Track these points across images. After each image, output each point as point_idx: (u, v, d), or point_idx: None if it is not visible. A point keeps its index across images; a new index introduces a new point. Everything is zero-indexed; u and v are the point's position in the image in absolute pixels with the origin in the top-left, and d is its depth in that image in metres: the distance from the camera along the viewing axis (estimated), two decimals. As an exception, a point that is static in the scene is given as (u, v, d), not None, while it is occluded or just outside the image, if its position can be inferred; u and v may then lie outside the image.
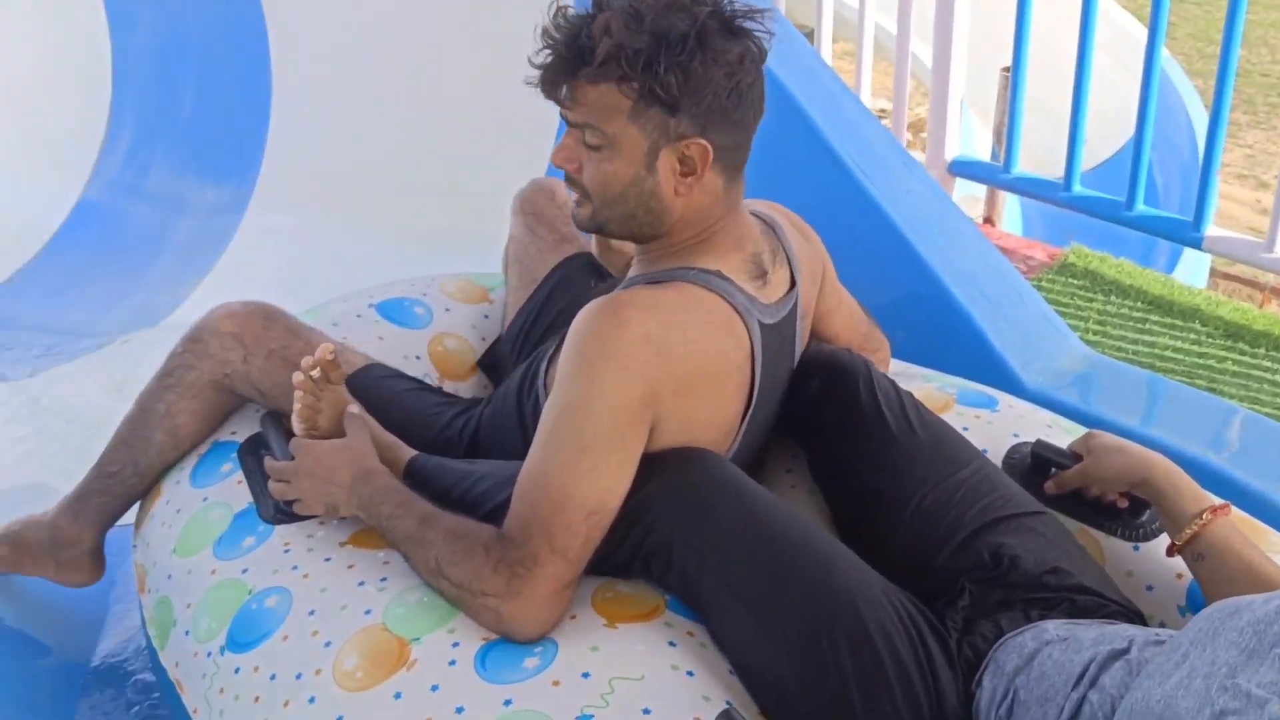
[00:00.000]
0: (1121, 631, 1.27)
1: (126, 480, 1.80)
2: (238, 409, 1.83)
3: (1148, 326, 2.86)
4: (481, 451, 1.70)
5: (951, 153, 3.28)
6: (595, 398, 1.35)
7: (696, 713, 1.26)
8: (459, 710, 1.26)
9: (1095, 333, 2.84)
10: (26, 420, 3.12)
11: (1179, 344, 2.79)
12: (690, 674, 1.31)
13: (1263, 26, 8.43)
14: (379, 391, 1.76)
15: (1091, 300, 2.98)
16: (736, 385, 1.49)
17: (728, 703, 1.28)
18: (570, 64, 1.39)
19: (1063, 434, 1.76)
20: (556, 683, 1.27)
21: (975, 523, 1.46)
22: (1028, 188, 3.18)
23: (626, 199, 1.45)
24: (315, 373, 1.62)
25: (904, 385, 1.70)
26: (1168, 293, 2.96)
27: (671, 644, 1.34)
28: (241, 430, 1.79)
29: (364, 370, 1.80)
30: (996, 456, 1.68)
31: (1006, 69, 3.20)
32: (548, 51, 1.40)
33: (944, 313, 2.46)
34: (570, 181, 1.47)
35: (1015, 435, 1.75)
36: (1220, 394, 2.59)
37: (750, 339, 1.49)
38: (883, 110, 5.56)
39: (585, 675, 1.28)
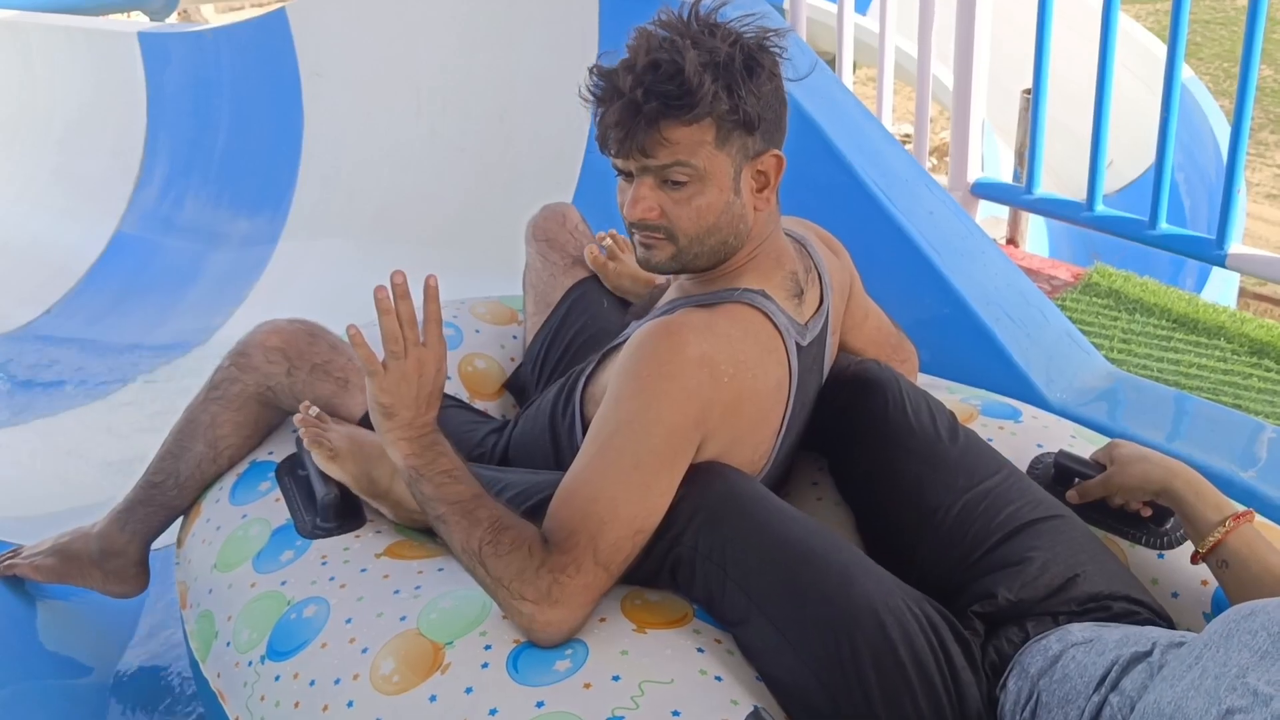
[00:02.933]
0: (1146, 634, 1.29)
1: (168, 491, 1.86)
2: (278, 427, 1.89)
3: (1172, 344, 2.86)
4: (512, 458, 1.75)
5: (974, 174, 3.30)
6: (651, 416, 1.38)
7: (725, 715, 1.29)
8: (492, 712, 1.30)
9: (1120, 350, 2.85)
10: (65, 451, 3.18)
11: (1204, 361, 2.79)
12: (719, 679, 1.34)
13: (1288, 45, 8.42)
14: None
15: (1116, 319, 2.99)
16: (775, 405, 1.53)
17: (756, 706, 1.30)
18: (655, 111, 1.39)
19: (1086, 445, 1.77)
20: (588, 685, 1.31)
21: (1004, 528, 1.49)
22: (1050, 208, 3.19)
23: (720, 228, 1.48)
24: (313, 411, 1.71)
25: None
26: (1192, 310, 2.96)
27: (700, 650, 1.38)
28: (279, 451, 1.85)
29: None
30: (1020, 466, 1.69)
31: (1027, 91, 3.22)
32: (620, 103, 1.40)
33: (968, 333, 2.48)
34: (647, 229, 1.48)
35: (1039, 446, 1.78)
36: (1246, 410, 2.59)
37: (789, 360, 1.53)
38: (906, 135, 5.59)
39: (615, 678, 1.31)
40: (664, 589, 1.46)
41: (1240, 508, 1.48)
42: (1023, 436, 1.80)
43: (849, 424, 1.65)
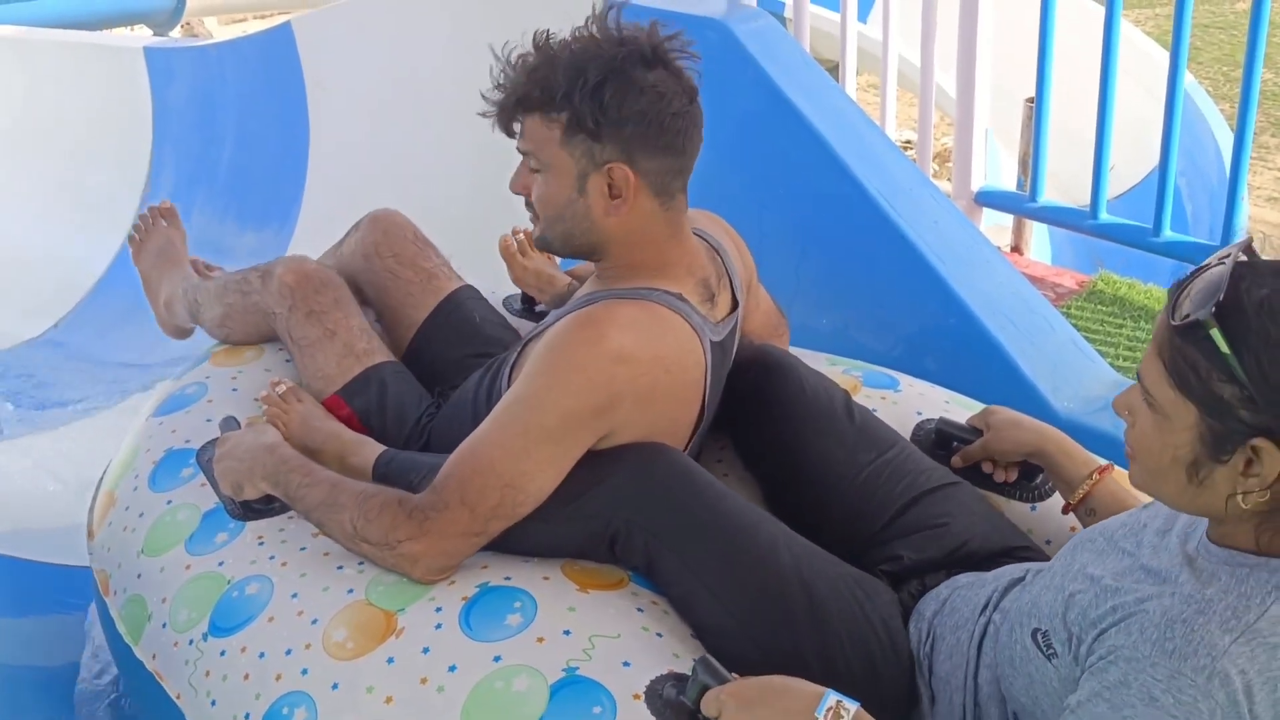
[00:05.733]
0: (1021, 566, 1.48)
1: (186, 309, 2.19)
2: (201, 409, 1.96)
3: (1178, 351, 2.87)
4: (436, 449, 1.80)
5: (978, 183, 3.31)
6: (550, 397, 1.49)
7: (670, 666, 1.38)
8: (451, 669, 1.36)
9: (1125, 358, 2.85)
10: (74, 463, 3.19)
11: (1210, 368, 2.80)
12: (660, 635, 1.44)
13: (1289, 49, 8.43)
14: (382, 390, 1.91)
15: (1121, 326, 3.00)
16: (691, 399, 1.64)
17: (703, 654, 1.38)
18: (513, 103, 1.59)
19: (961, 409, 1.91)
20: (541, 639, 1.39)
21: (904, 497, 1.65)
22: (1054, 216, 3.20)
23: (563, 219, 1.61)
24: (281, 389, 1.85)
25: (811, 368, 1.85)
26: (1198, 317, 2.97)
27: (639, 610, 1.48)
28: (195, 438, 1.87)
29: (377, 367, 1.93)
30: (904, 433, 1.82)
31: (1030, 99, 3.23)
32: (498, 89, 1.60)
33: (974, 341, 2.49)
34: (527, 205, 1.65)
35: (919, 413, 1.90)
36: (1252, 417, 2.60)
37: (704, 357, 1.63)
38: (907, 142, 5.60)
39: (566, 633, 1.40)
40: (600, 561, 1.55)
41: (1104, 462, 1.63)
42: (903, 405, 1.92)
43: (756, 405, 1.77)
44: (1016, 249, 3.50)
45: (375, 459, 1.70)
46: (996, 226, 3.61)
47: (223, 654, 1.51)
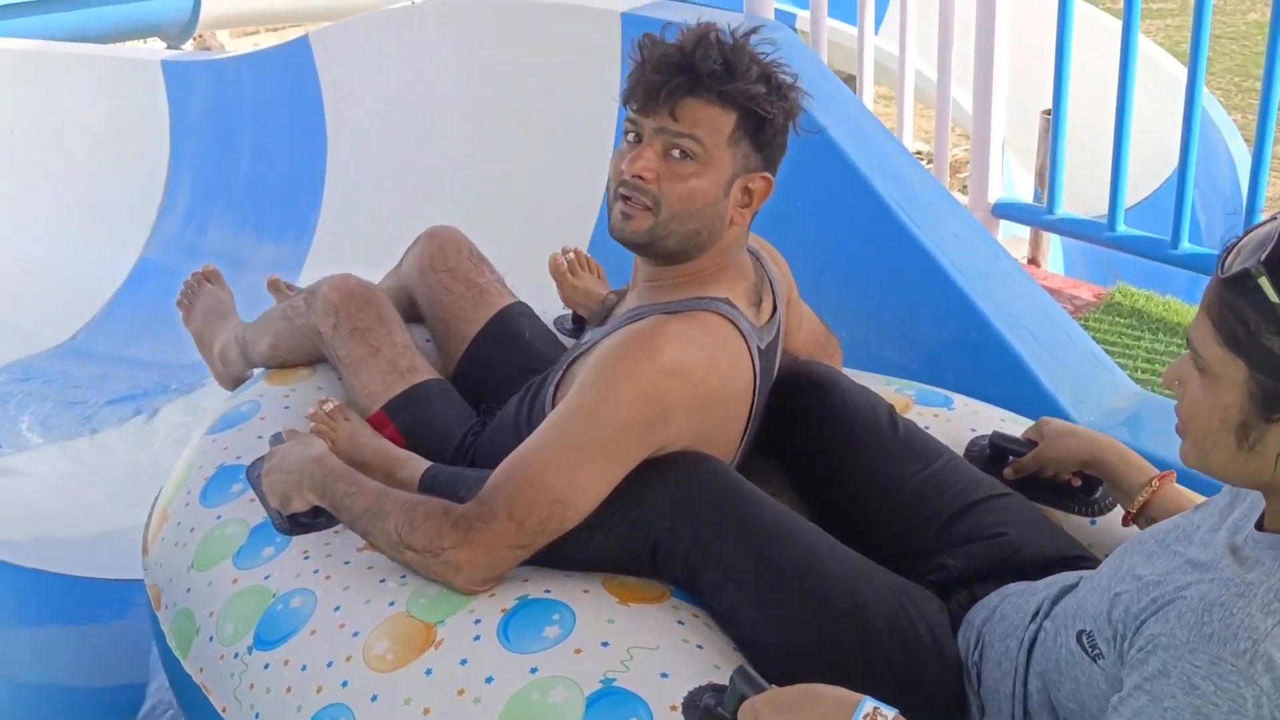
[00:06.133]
0: (1075, 573, 1.45)
1: (239, 353, 2.19)
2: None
3: (1196, 363, 2.87)
4: (480, 467, 1.80)
5: (995, 195, 3.31)
6: (604, 409, 1.48)
7: (710, 677, 1.37)
8: (489, 680, 1.37)
9: (1144, 371, 2.85)
10: (91, 472, 3.21)
11: (1228, 380, 2.80)
12: (700, 647, 1.43)
13: (1300, 60, 8.40)
14: (427, 407, 1.92)
15: (1139, 339, 3.00)
16: (741, 407, 1.63)
17: (741, 665, 1.37)
18: (696, 78, 1.50)
19: (1015, 427, 1.87)
20: (578, 650, 1.39)
21: (951, 507, 1.63)
22: (1072, 228, 3.21)
23: (699, 217, 1.56)
24: (328, 407, 1.85)
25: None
26: (1215, 329, 2.97)
27: (680, 623, 1.47)
28: (246, 454, 1.89)
29: (422, 384, 1.93)
30: (958, 449, 1.80)
31: (1047, 111, 3.24)
32: (665, 62, 1.51)
33: (995, 355, 2.49)
34: (634, 190, 1.55)
35: (973, 430, 1.88)
36: (1272, 429, 2.60)
37: (753, 363, 1.62)
38: (918, 152, 5.61)
39: (605, 644, 1.40)
40: (642, 575, 1.54)
41: (1161, 470, 1.60)
42: (957, 422, 1.90)
43: (799, 421, 1.75)
44: (1034, 261, 3.50)
45: (422, 473, 1.71)
46: (1013, 239, 3.61)
47: (266, 667, 1.52)
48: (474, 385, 2.01)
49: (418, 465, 1.73)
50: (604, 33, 3.07)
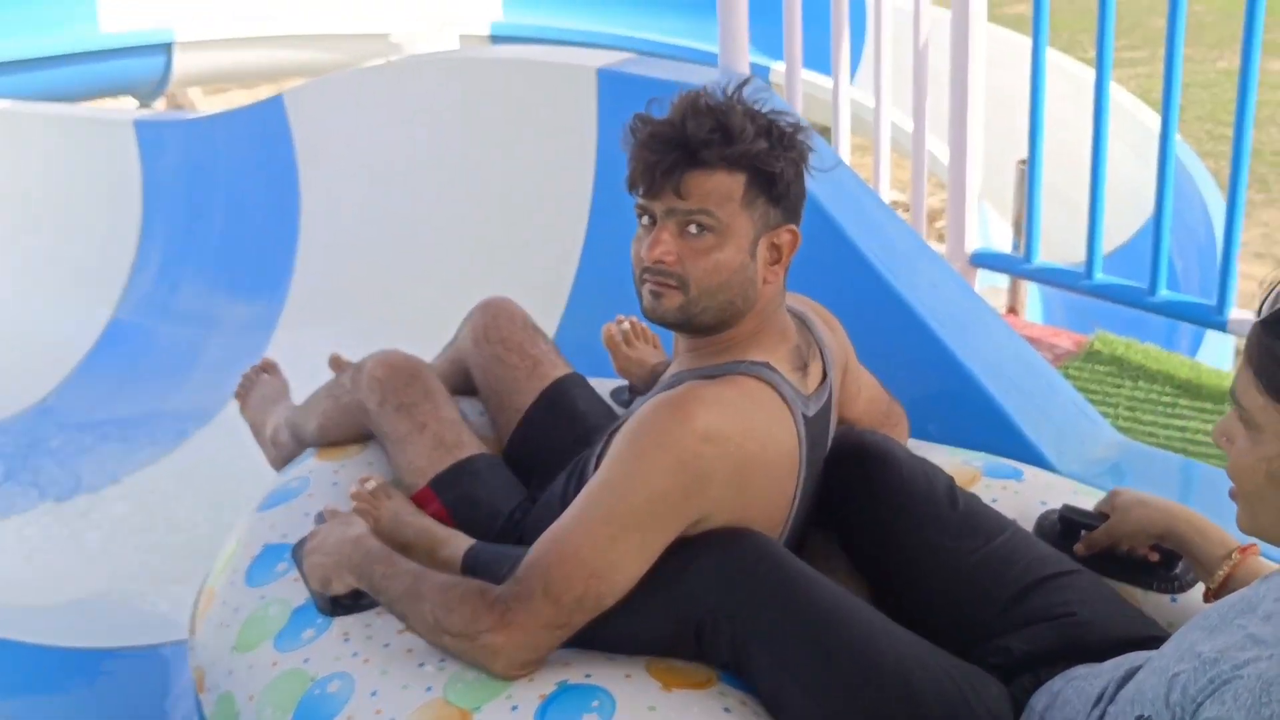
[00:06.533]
0: (1143, 654, 1.34)
1: (290, 435, 2.19)
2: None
3: (1178, 410, 2.87)
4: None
5: (972, 245, 3.32)
6: (638, 479, 1.43)
7: None
8: None
9: (1126, 419, 2.85)
10: (61, 542, 3.14)
11: (1210, 427, 2.79)
12: None
13: (1271, 106, 8.52)
14: (473, 483, 1.88)
15: (1120, 386, 2.99)
16: (788, 474, 1.56)
17: None
18: (693, 153, 1.48)
19: (1089, 500, 1.79)
20: None
21: (1014, 586, 1.55)
22: (1051, 277, 3.21)
23: (730, 286, 1.53)
24: (370, 485, 1.82)
25: (931, 460, 1.76)
26: (1195, 376, 2.97)
27: (726, 710, 1.40)
28: (292, 533, 1.86)
29: (469, 459, 1.90)
30: (1026, 524, 1.74)
31: (1023, 161, 3.25)
32: (660, 143, 1.49)
33: (977, 406, 2.47)
34: (659, 274, 1.52)
35: (1043, 503, 1.81)
36: (1255, 476, 2.58)
37: (797, 429, 1.56)
38: (894, 202, 5.63)
39: None
40: (688, 658, 1.47)
41: (1243, 542, 1.49)
42: (1026, 495, 1.84)
43: (854, 496, 1.68)
44: (1013, 310, 3.50)
45: (464, 552, 1.67)
46: (991, 288, 3.61)
47: None
48: (527, 459, 1.98)
49: (460, 543, 1.69)
50: (580, 89, 3.07)
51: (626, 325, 2.17)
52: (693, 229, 1.50)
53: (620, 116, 3.27)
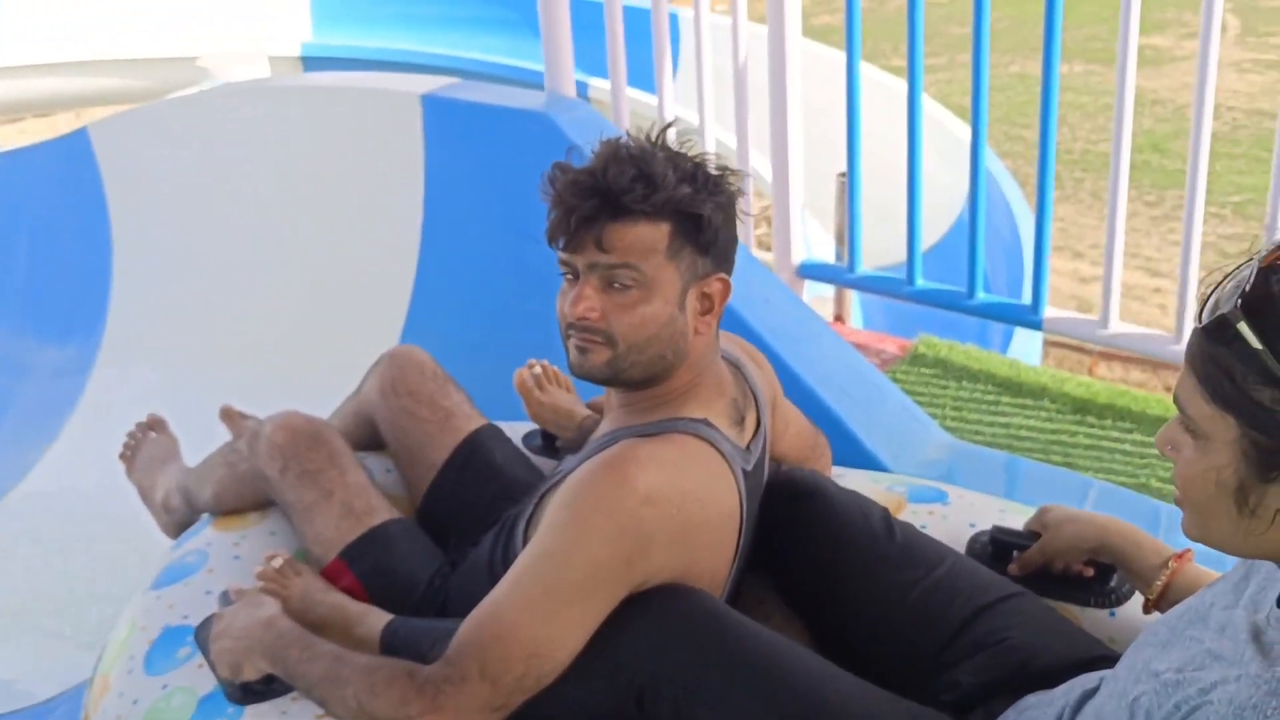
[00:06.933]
0: (1094, 675, 1.31)
1: (182, 500, 2.07)
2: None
3: (1000, 408, 2.99)
4: (453, 615, 1.67)
5: (798, 257, 3.40)
6: (579, 550, 1.37)
7: None
8: None
9: (953, 419, 2.95)
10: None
11: (1032, 423, 2.92)
12: None
13: (1062, 107, 8.98)
14: (388, 551, 1.77)
15: (945, 388, 3.11)
16: (728, 533, 1.52)
17: None
18: (614, 204, 1.42)
19: (1016, 516, 1.79)
20: None
21: (960, 616, 1.51)
22: (874, 285, 3.31)
23: (659, 340, 1.47)
24: (276, 563, 1.67)
25: (851, 488, 1.73)
26: (1015, 374, 3.10)
27: None
28: (194, 613, 1.74)
29: (381, 526, 1.79)
30: (957, 547, 1.71)
31: (842, 174, 3.35)
32: (579, 195, 1.43)
33: (812, 414, 2.52)
34: (584, 330, 1.48)
35: (971, 525, 1.79)
36: (1075, 468, 2.72)
37: (738, 488, 1.52)
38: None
39: None
40: None
41: (1178, 549, 1.50)
42: (954, 518, 1.83)
43: (789, 536, 1.65)
44: (839, 318, 3.60)
45: (382, 629, 1.56)
46: (817, 299, 3.71)
47: None
48: (442, 519, 1.88)
49: (377, 620, 1.58)
50: (404, 115, 3.03)
51: (539, 369, 2.07)
52: (616, 284, 1.45)
53: (446, 142, 3.26)
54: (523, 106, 2.91)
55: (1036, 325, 2.96)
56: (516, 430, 2.11)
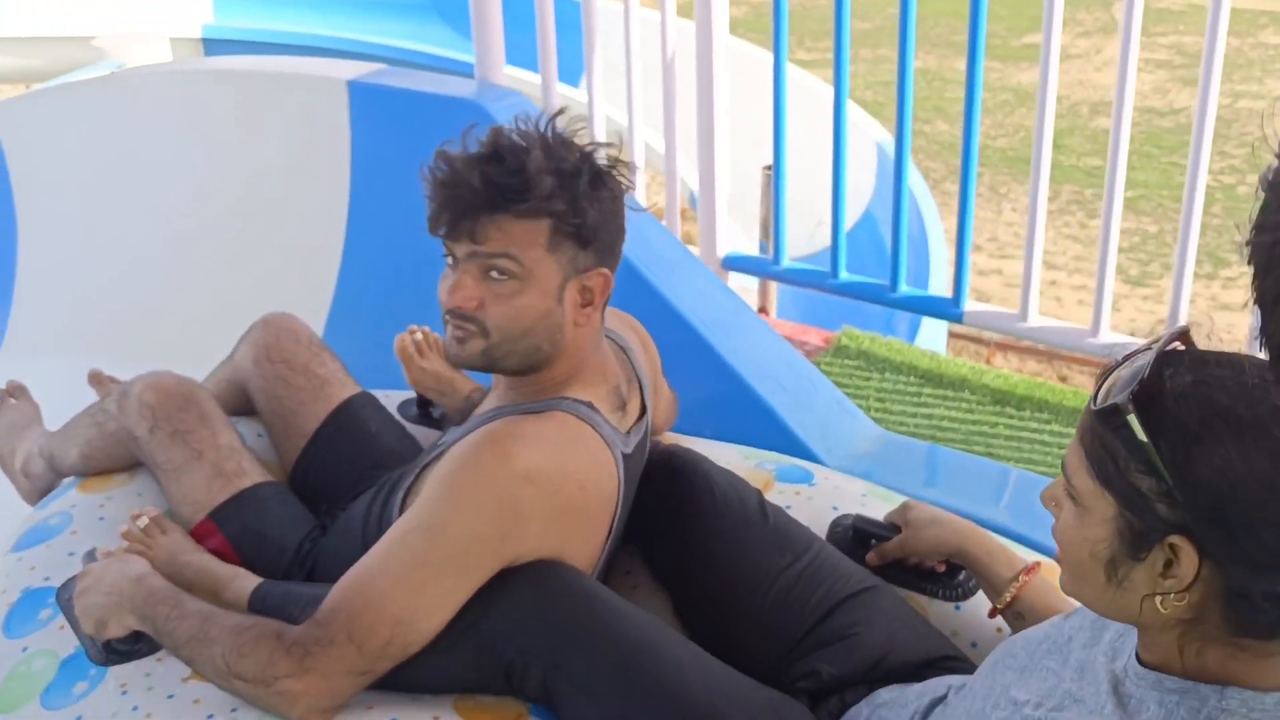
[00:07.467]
0: (943, 682, 1.38)
1: (45, 465, 2.04)
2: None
3: (923, 399, 3.05)
4: (321, 578, 1.69)
5: (724, 249, 3.43)
6: (455, 523, 1.39)
7: None
8: None
9: (877, 410, 3.00)
10: None
11: (953, 414, 2.99)
12: None
13: (958, 103, 9.16)
14: (258, 513, 1.77)
15: (869, 379, 3.16)
16: (604, 514, 1.55)
17: None
18: (492, 199, 1.44)
19: (877, 502, 1.88)
20: None
21: (821, 607, 1.56)
22: (798, 277, 3.35)
23: (535, 332, 1.50)
24: (143, 521, 1.69)
25: (722, 463, 1.79)
26: (936, 366, 3.17)
27: None
28: (56, 575, 1.71)
29: (252, 488, 1.79)
30: (820, 529, 1.77)
31: (768, 167, 3.38)
32: (459, 187, 1.44)
33: (747, 408, 2.56)
34: (461, 319, 1.49)
35: (835, 508, 1.85)
36: (995, 457, 2.79)
37: (617, 470, 1.55)
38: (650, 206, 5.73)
39: None
40: (497, 694, 1.45)
41: (1029, 561, 1.58)
42: (819, 500, 1.88)
43: (664, 514, 1.68)
44: (763, 310, 3.64)
45: (251, 591, 1.57)
46: (741, 290, 3.73)
47: None
48: (314, 486, 1.88)
49: (246, 582, 1.59)
50: (330, 101, 2.98)
51: (420, 335, 2.08)
52: (494, 273, 1.47)
53: (373, 129, 3.21)
54: (454, 94, 2.89)
55: (958, 318, 3.02)
56: (392, 400, 2.13)
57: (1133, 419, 0.99)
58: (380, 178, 3.02)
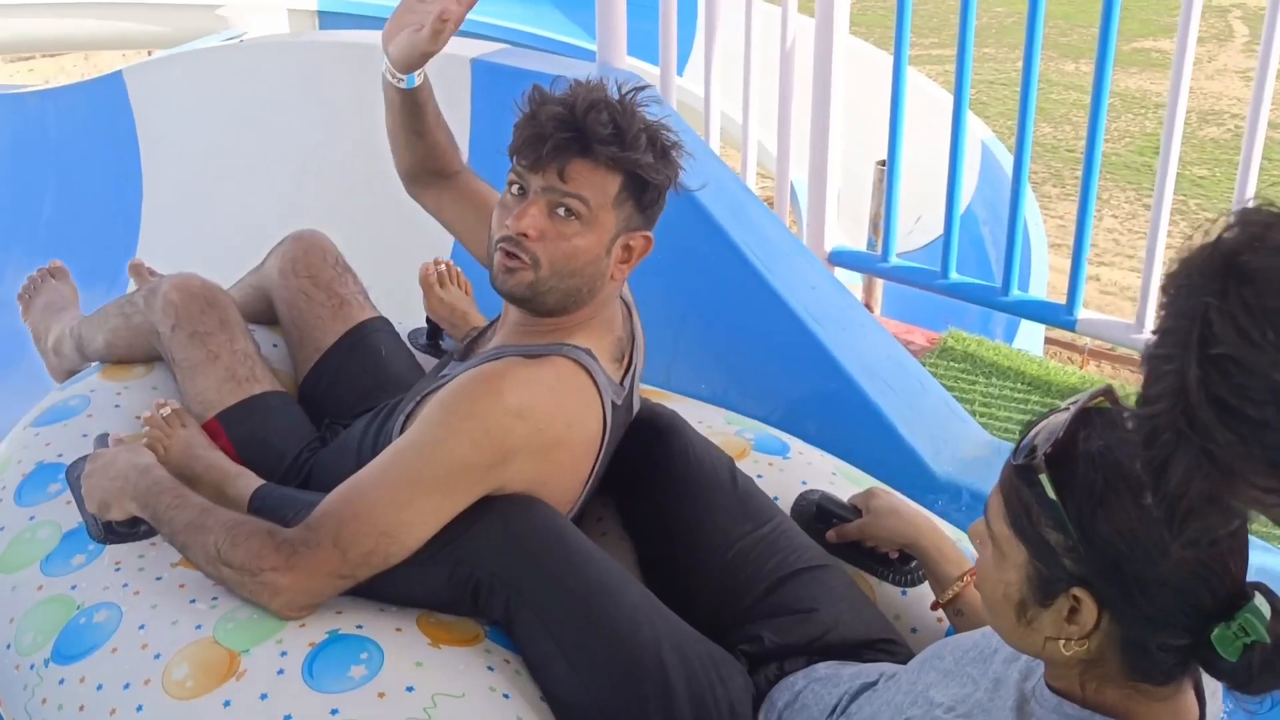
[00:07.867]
0: (876, 668, 1.49)
1: (74, 346, 2.11)
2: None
3: (1030, 407, 3.01)
4: (314, 488, 1.76)
5: (831, 243, 3.41)
6: (444, 445, 1.48)
7: None
8: (287, 718, 1.35)
9: (983, 415, 2.97)
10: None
11: (1060, 423, 2.95)
12: (506, 696, 1.45)
13: (1066, 106, 9.02)
14: (264, 420, 1.86)
15: (974, 383, 3.12)
16: (586, 457, 1.63)
17: None
18: (586, 143, 1.51)
19: (845, 481, 1.93)
20: (382, 694, 1.37)
21: (772, 575, 1.64)
22: (906, 275, 3.32)
23: (581, 274, 1.57)
24: (165, 411, 1.77)
25: (705, 426, 1.88)
26: (1044, 373, 3.12)
27: (490, 668, 1.46)
28: (69, 453, 1.80)
29: (260, 396, 1.88)
30: (787, 501, 1.84)
31: (882, 162, 3.35)
32: (560, 123, 1.50)
33: (854, 405, 2.55)
34: (517, 246, 1.54)
35: (804, 482, 1.90)
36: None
37: (605, 417, 1.63)
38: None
39: (409, 689, 1.38)
40: (461, 614, 1.54)
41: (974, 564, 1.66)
42: (789, 472, 1.93)
43: (641, 469, 1.75)
44: (868, 307, 3.61)
45: (253, 491, 1.65)
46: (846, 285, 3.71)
47: (61, 682, 1.46)
48: (320, 399, 1.96)
49: (249, 483, 1.67)
50: (453, 79, 3.01)
51: (444, 267, 2.18)
52: (561, 211, 1.53)
53: (494, 108, 3.23)
54: (575, 76, 2.89)
55: (1070, 326, 2.98)
56: (405, 330, 2.18)
57: (1044, 478, 1.07)
58: (499, 156, 3.03)
